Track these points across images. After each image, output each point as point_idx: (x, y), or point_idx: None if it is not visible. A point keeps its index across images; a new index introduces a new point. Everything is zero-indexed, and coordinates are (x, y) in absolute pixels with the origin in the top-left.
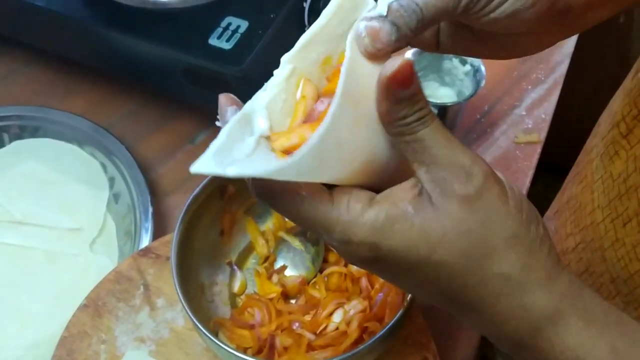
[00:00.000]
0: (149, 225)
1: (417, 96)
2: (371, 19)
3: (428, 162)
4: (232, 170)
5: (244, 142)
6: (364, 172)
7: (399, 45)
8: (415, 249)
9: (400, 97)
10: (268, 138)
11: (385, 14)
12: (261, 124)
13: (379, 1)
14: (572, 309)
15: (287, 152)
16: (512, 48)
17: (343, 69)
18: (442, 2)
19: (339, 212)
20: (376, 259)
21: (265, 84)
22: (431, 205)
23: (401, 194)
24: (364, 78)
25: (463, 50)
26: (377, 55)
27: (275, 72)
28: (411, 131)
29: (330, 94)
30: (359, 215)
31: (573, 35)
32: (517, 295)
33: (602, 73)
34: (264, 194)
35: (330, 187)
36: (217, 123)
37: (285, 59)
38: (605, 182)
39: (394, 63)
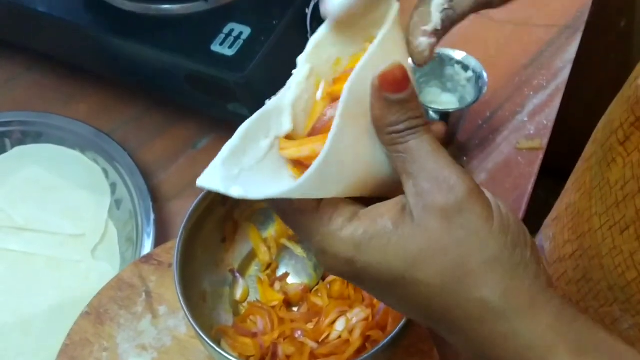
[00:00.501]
0: (151, 231)
1: (409, 103)
2: (430, 34)
3: (415, 174)
4: (235, 191)
5: (258, 144)
6: (365, 186)
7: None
8: (390, 266)
9: (391, 100)
10: (282, 139)
11: (438, 26)
12: (286, 123)
13: (433, 13)
14: (560, 340)
15: (297, 163)
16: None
17: (345, 89)
18: (473, 10)
19: (320, 223)
20: (353, 274)
21: (288, 81)
22: (411, 222)
23: (383, 210)
24: (366, 95)
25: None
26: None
27: (294, 71)
28: (403, 140)
29: (335, 96)
30: (338, 229)
31: None
32: (498, 323)
33: (604, 78)
34: None
35: None
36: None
37: (301, 59)
38: (603, 189)
39: (385, 64)
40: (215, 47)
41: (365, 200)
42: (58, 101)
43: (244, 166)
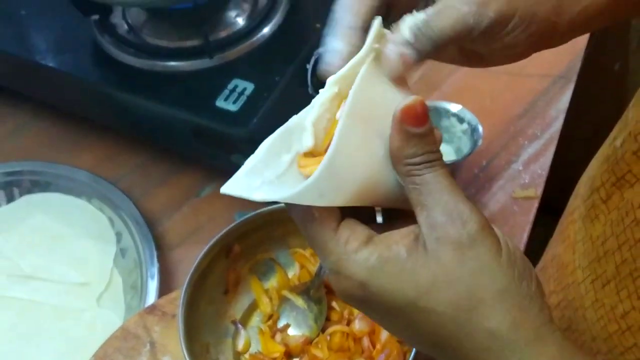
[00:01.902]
0: (155, 280)
1: (427, 137)
2: (399, 44)
3: (430, 206)
4: (258, 196)
5: (280, 158)
6: (375, 194)
7: (413, 67)
8: (402, 292)
9: (411, 133)
10: (302, 157)
11: (411, 39)
12: (307, 141)
13: (401, 27)
14: None
15: None
16: (491, 62)
17: (348, 103)
18: (454, 32)
19: (337, 243)
20: (364, 298)
21: (313, 100)
22: (425, 251)
23: (398, 237)
24: (371, 106)
25: (447, 60)
26: (397, 77)
27: (321, 91)
28: (419, 172)
29: None
30: (353, 251)
31: (554, 47)
32: (505, 353)
33: (600, 118)
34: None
35: (347, 214)
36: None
37: (331, 80)
38: (586, 243)
39: (407, 99)
40: (220, 103)
41: (380, 228)
42: (64, 150)
43: (265, 179)
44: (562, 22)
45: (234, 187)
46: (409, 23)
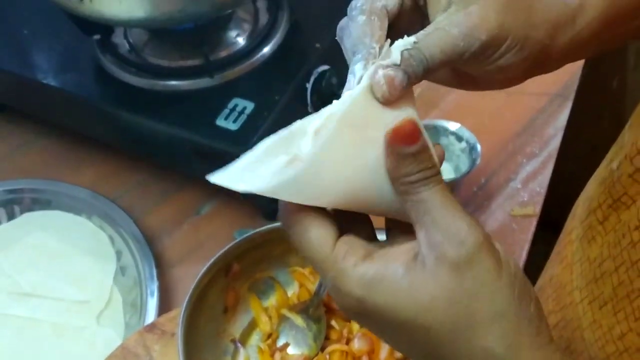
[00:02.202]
0: (155, 298)
1: (421, 155)
2: (387, 67)
3: (428, 225)
4: (240, 187)
5: (276, 158)
6: (359, 202)
7: (405, 90)
8: (401, 309)
9: (404, 153)
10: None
11: (399, 62)
12: (306, 145)
13: (392, 50)
14: None
15: None
16: (486, 85)
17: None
18: (444, 55)
19: (335, 259)
20: (363, 313)
21: (321, 110)
22: (423, 270)
23: (397, 254)
24: (366, 116)
25: (439, 81)
26: (390, 101)
27: (335, 102)
28: (415, 191)
29: None
30: (351, 267)
31: (548, 72)
32: None
33: (598, 135)
34: (283, 223)
35: (345, 230)
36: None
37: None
38: (583, 264)
39: (397, 120)
40: (220, 122)
41: (381, 245)
42: (66, 168)
43: (256, 175)
44: (556, 46)
45: (222, 177)
46: (399, 46)
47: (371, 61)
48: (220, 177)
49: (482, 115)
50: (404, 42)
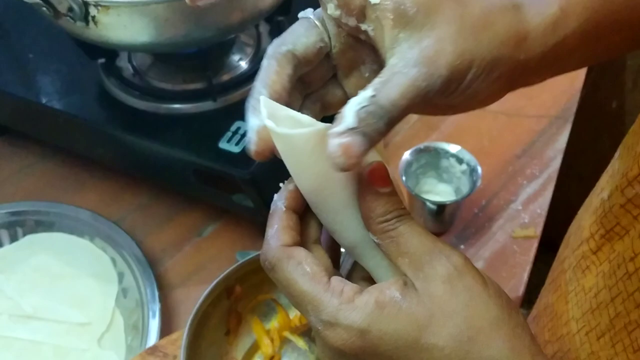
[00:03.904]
0: (157, 320)
1: (395, 196)
2: (341, 134)
3: (411, 251)
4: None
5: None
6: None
7: (368, 151)
8: (404, 333)
9: (380, 193)
10: None
11: (353, 125)
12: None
13: (345, 112)
14: None
15: None
16: (460, 109)
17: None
18: (407, 100)
19: (332, 296)
20: (364, 348)
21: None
22: (416, 292)
23: (388, 284)
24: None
25: (413, 112)
26: (352, 168)
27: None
28: (393, 227)
29: None
30: (350, 300)
31: (532, 84)
32: None
33: (597, 156)
34: (270, 259)
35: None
36: None
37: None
38: (578, 294)
39: (369, 163)
40: (223, 145)
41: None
42: (69, 190)
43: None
44: (533, 59)
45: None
46: (353, 105)
47: (255, 113)
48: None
49: (482, 137)
50: (359, 99)
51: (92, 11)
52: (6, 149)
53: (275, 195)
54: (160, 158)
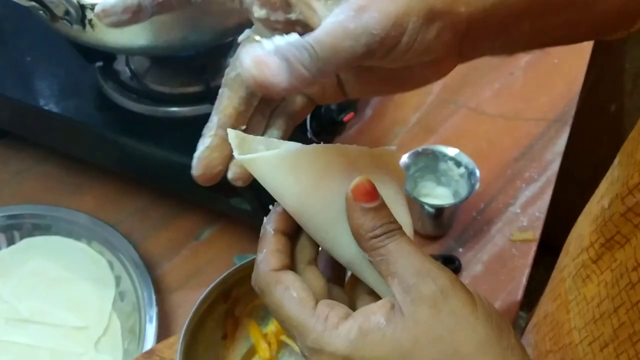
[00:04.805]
0: (154, 324)
1: (382, 210)
2: (254, 51)
3: (399, 272)
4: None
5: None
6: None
7: (297, 85)
8: (386, 359)
9: (366, 208)
10: None
11: (272, 50)
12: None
13: (263, 41)
14: None
15: None
16: (415, 80)
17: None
18: (334, 39)
19: (317, 320)
20: None
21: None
22: (402, 316)
23: (375, 309)
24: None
25: (370, 92)
26: (270, 90)
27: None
28: (382, 244)
29: None
30: (334, 327)
31: (471, 60)
32: None
33: (597, 159)
34: (259, 284)
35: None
36: None
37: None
38: (580, 304)
39: (354, 180)
40: None
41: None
42: (66, 193)
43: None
44: (476, 15)
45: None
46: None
47: (208, 134)
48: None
49: (481, 140)
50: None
51: (89, 14)
52: (3, 153)
53: (265, 219)
54: (157, 161)
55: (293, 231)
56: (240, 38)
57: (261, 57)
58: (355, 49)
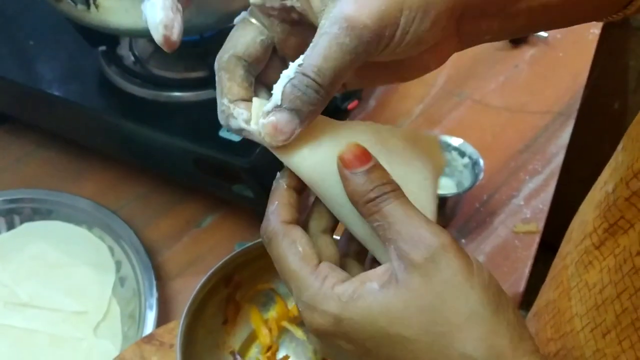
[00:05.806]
0: (154, 310)
1: (373, 173)
2: (267, 113)
3: (394, 238)
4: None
5: None
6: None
7: (309, 122)
8: (374, 322)
9: (356, 173)
10: None
11: (280, 102)
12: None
13: (274, 88)
14: None
15: None
16: (414, 69)
17: None
18: (339, 62)
19: (315, 279)
20: (337, 333)
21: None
22: (396, 283)
23: (372, 276)
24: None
25: (369, 83)
26: (285, 143)
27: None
28: (377, 208)
29: None
30: (330, 287)
31: (470, 47)
32: None
33: (599, 156)
34: (268, 233)
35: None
36: None
37: None
38: (582, 290)
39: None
40: (223, 133)
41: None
42: (67, 179)
43: None
44: (471, 4)
45: None
46: (283, 79)
47: (231, 118)
48: None
49: (485, 132)
50: (289, 71)
51: None
52: (4, 138)
53: (278, 173)
54: (160, 146)
55: (303, 189)
56: (236, 20)
57: (272, 122)
58: (354, 61)
